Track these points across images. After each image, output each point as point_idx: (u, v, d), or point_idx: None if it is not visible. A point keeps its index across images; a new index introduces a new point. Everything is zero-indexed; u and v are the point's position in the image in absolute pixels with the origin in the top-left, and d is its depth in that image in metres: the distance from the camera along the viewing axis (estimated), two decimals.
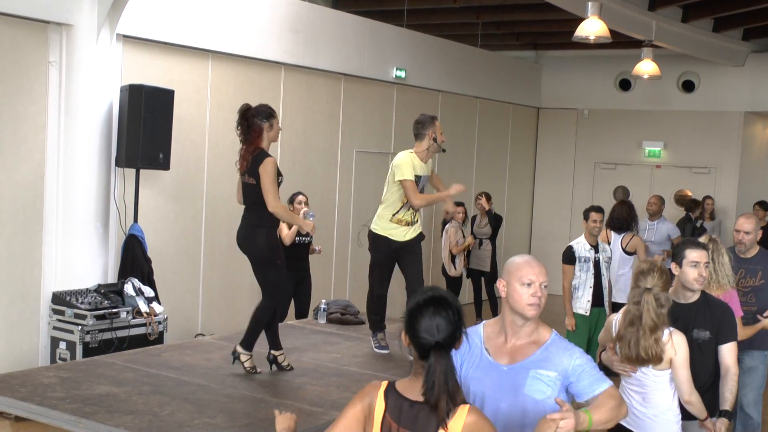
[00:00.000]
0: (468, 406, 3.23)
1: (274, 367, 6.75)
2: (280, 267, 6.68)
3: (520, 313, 3.73)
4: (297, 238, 9.77)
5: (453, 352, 3.61)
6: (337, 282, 12.62)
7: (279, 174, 6.57)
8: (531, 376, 3.71)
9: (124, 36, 9.18)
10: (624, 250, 9.78)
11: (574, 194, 17.13)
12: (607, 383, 3.73)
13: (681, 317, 5.14)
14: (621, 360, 5.01)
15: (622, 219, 9.81)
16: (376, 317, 7.67)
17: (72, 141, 8.71)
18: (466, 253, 12.60)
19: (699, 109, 16.15)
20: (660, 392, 4.97)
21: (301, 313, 9.87)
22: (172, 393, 6.06)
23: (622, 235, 9.80)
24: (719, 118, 15.96)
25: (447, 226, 12.01)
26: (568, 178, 17.48)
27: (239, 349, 6.66)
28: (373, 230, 7.41)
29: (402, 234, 7.31)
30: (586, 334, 8.88)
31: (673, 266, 5.31)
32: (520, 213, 17.21)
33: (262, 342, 6.78)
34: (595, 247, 9.09)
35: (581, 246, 9.07)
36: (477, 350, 3.81)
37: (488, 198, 12.88)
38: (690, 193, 16.02)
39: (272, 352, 6.77)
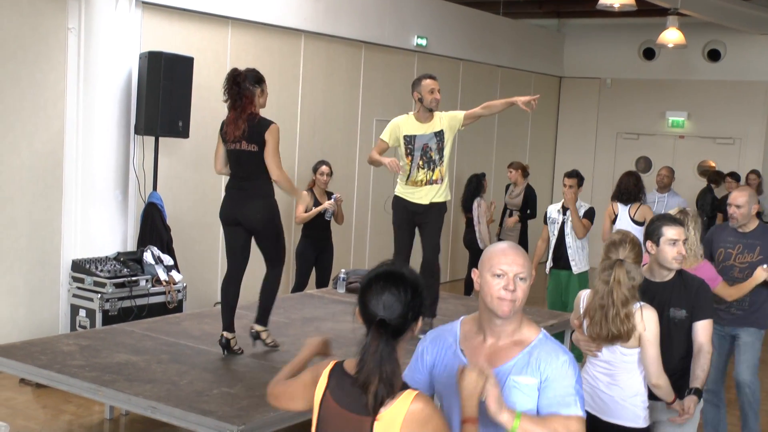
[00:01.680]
0: (416, 392, 2.88)
1: (257, 343, 6.50)
2: (283, 233, 6.53)
3: (492, 310, 3.24)
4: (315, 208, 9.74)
5: (422, 351, 3.43)
6: (356, 251, 12.62)
7: None
8: (508, 385, 3.21)
9: (144, 2, 9.15)
10: (633, 219, 9.68)
11: (595, 164, 17.01)
12: (573, 412, 3.14)
13: (657, 296, 4.90)
14: (587, 339, 4.73)
15: (629, 190, 9.77)
16: None
17: (91, 108, 8.72)
18: (498, 223, 12.58)
19: (724, 78, 15.97)
20: (628, 373, 4.69)
21: (322, 283, 9.88)
22: (191, 362, 6.09)
23: (629, 205, 9.75)
24: (745, 88, 15.78)
25: (478, 199, 11.83)
26: (590, 148, 17.36)
27: (257, 327, 6.49)
28: (395, 193, 7.41)
29: (421, 196, 7.25)
30: (553, 291, 9.53)
31: (649, 244, 5.04)
32: (541, 183, 17.09)
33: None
34: (566, 210, 9.42)
35: (554, 208, 9.60)
36: (451, 351, 3.37)
37: (517, 168, 12.64)
38: (714, 164, 15.89)
39: (256, 326, 6.53)
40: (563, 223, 9.37)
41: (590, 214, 9.39)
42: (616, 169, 16.71)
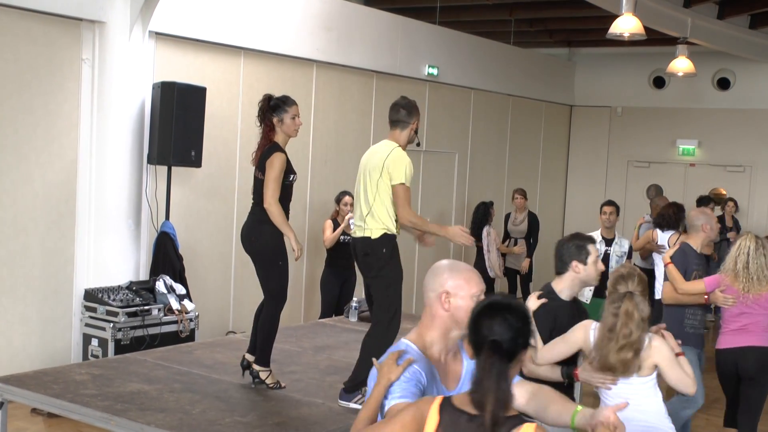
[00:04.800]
0: (535, 425, 2.84)
1: (246, 373, 6.32)
2: (283, 268, 6.24)
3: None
4: (341, 237, 9.81)
5: (417, 373, 3.29)
6: None
7: (291, 172, 6.22)
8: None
9: (157, 33, 9.19)
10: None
11: (606, 192, 16.96)
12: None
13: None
14: (599, 372, 4.71)
15: (667, 216, 9.91)
16: None
17: (104, 138, 8.74)
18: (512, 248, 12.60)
19: (734, 106, 15.96)
20: (650, 398, 4.77)
21: (341, 312, 9.87)
22: (204, 391, 6.05)
23: (669, 234, 9.85)
24: (755, 116, 15.77)
25: (487, 227, 11.87)
26: (601, 177, 17.35)
27: (256, 367, 6.24)
28: (393, 232, 5.99)
29: None
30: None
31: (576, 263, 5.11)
32: (552, 211, 17.09)
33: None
34: (608, 241, 9.52)
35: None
36: (432, 377, 3.30)
37: (522, 194, 12.76)
38: (725, 192, 15.84)
39: (255, 366, 6.27)
40: (606, 254, 9.39)
41: (631, 253, 9.53)
42: (627, 197, 16.69)
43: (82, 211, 8.81)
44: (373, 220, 5.88)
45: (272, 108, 6.23)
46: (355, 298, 9.20)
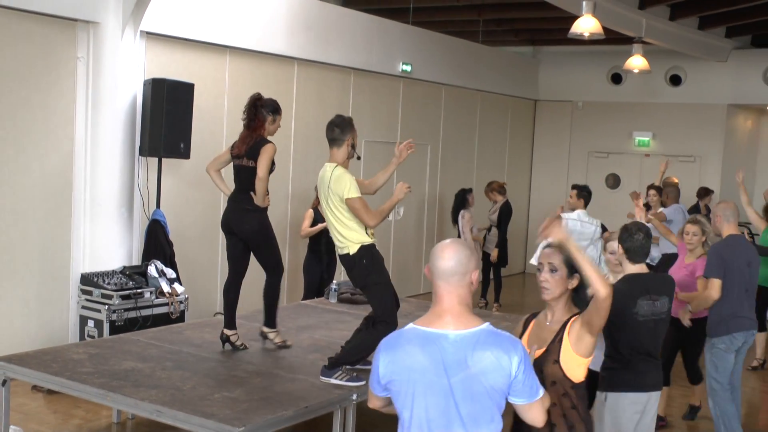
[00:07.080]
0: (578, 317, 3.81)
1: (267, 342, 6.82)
2: (275, 243, 6.69)
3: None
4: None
5: None
6: None
7: (273, 164, 6.52)
8: None
9: (147, 33, 9.15)
10: None
11: (569, 181, 17.03)
12: None
13: None
14: None
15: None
16: None
17: (99, 132, 8.71)
18: (482, 237, 12.67)
19: (685, 101, 16.06)
20: None
21: (322, 294, 9.88)
22: (194, 368, 6.07)
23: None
24: (704, 110, 15.88)
25: (462, 211, 11.99)
26: (564, 166, 17.41)
27: (265, 329, 6.76)
28: (364, 243, 5.98)
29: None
30: None
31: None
32: (518, 200, 17.11)
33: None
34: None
35: (567, 215, 9.77)
36: None
37: (492, 190, 12.85)
38: (677, 180, 15.95)
39: (264, 328, 6.82)
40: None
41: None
42: (587, 185, 16.77)
43: (77, 200, 8.79)
44: (345, 238, 5.96)
45: (269, 107, 6.50)
46: (334, 281, 9.22)
